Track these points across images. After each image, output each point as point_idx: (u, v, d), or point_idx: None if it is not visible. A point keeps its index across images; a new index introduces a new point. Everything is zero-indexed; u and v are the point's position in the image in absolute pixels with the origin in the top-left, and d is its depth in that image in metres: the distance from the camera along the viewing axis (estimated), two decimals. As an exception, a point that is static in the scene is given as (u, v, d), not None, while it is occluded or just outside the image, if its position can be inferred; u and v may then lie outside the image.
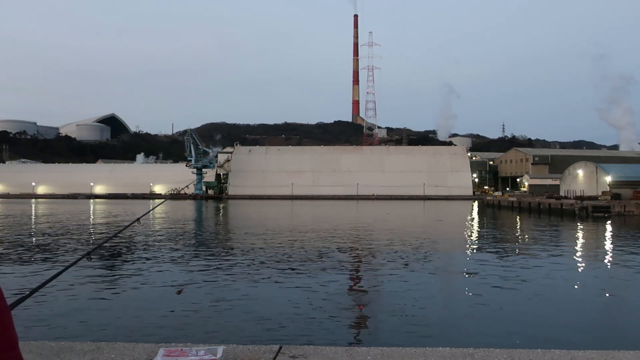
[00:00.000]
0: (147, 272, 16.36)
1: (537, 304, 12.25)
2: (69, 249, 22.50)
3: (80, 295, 12.31)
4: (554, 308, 11.74)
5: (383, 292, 13.60)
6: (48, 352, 4.02)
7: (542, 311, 11.41)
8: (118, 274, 16.09)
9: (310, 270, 16.85)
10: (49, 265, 17.57)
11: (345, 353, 4.03)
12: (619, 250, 23.82)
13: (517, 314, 11.24)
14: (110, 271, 16.70)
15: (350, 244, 25.06)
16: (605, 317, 11.38)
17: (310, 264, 18.13)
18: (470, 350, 4.07)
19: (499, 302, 12.59)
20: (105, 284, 14.07)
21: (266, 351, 4.06)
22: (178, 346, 4.22)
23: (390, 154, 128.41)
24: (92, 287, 13.34)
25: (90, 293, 12.72)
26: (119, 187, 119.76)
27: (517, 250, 23.81)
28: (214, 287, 13.89)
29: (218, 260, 19.12)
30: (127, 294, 13.09)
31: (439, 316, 11.00)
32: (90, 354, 4.04)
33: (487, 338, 9.10)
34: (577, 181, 78.38)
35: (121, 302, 12.16)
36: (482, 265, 18.57)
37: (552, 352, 4.02)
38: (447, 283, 15.50)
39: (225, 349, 4.06)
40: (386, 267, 17.72)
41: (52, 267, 16.99)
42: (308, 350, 4.06)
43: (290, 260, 19.08)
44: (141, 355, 3.99)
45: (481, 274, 16.56)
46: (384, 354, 3.99)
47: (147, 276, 15.69)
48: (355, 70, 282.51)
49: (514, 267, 17.97)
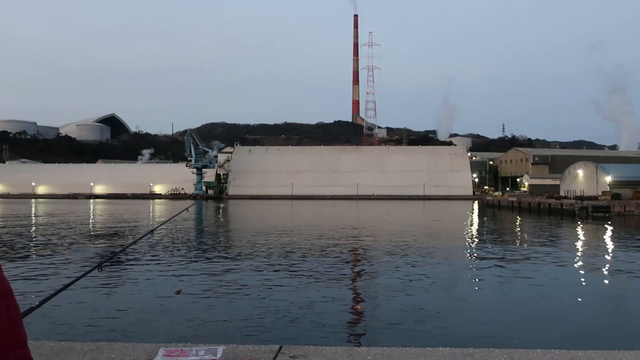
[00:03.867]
0: (146, 272, 16.35)
1: (537, 304, 12.24)
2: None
3: (80, 295, 12.30)
4: (554, 308, 11.74)
5: (383, 292, 13.59)
6: (48, 352, 4.02)
7: (542, 311, 11.40)
8: (117, 274, 16.06)
9: (310, 270, 16.84)
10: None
11: (345, 353, 4.03)
12: (619, 250, 23.82)
13: (517, 314, 11.23)
14: (109, 271, 16.68)
15: (349, 244, 25.06)
16: (605, 317, 11.37)
17: (310, 264, 18.13)
18: (470, 350, 4.07)
19: (499, 302, 12.60)
20: (104, 284, 14.05)
21: (266, 351, 4.05)
22: (178, 346, 4.21)
23: (390, 154, 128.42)
24: (91, 287, 13.32)
25: (89, 293, 12.71)
26: (119, 187, 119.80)
27: (517, 250, 23.80)
28: (213, 287, 13.88)
29: (217, 260, 19.12)
30: (126, 294, 13.09)
31: (438, 316, 11.00)
32: (90, 354, 4.04)
33: (487, 338, 9.10)
34: (577, 181, 78.39)
35: (121, 302, 12.15)
36: (482, 265, 18.58)
37: (552, 352, 4.02)
38: (447, 283, 15.49)
39: (225, 349, 4.06)
40: (385, 267, 17.72)
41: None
42: (308, 350, 4.06)
43: (290, 260, 19.07)
44: (141, 355, 3.99)
45: (481, 273, 16.56)
46: (384, 354, 3.99)
47: (146, 276, 15.68)
48: (355, 70, 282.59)
49: (514, 267, 17.97)
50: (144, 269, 17.04)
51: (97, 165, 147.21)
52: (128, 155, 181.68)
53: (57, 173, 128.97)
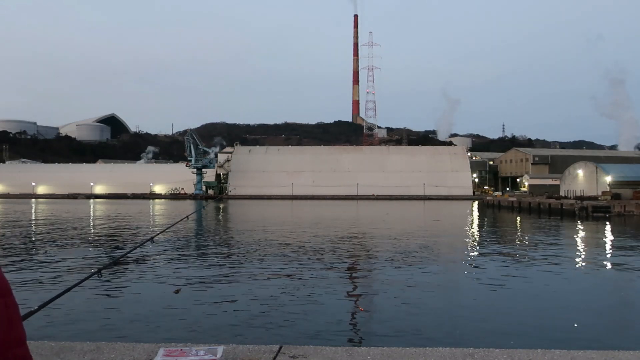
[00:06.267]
0: (146, 272, 16.35)
1: (537, 304, 12.24)
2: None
3: (79, 295, 12.29)
4: (554, 308, 11.73)
5: (383, 292, 13.59)
6: (48, 352, 4.02)
7: (542, 311, 11.40)
8: (117, 274, 16.06)
9: (310, 270, 16.84)
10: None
11: (345, 353, 4.03)
12: (619, 250, 23.81)
13: (517, 314, 11.23)
14: (108, 270, 16.67)
15: (349, 244, 25.06)
16: (605, 317, 11.37)
17: (309, 264, 18.12)
18: (470, 350, 4.07)
19: (499, 302, 12.60)
20: (104, 284, 14.05)
21: (266, 351, 4.05)
22: (178, 346, 4.21)
23: (390, 154, 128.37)
24: (91, 287, 13.32)
25: (89, 293, 12.70)
26: (119, 187, 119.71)
27: (517, 250, 23.80)
28: (213, 286, 13.88)
29: (217, 260, 19.12)
30: (126, 294, 13.09)
31: (439, 316, 11.00)
32: (90, 354, 4.04)
33: (487, 338, 9.10)
34: (577, 181, 78.38)
35: (120, 302, 12.15)
36: (482, 265, 18.58)
37: (552, 352, 4.02)
38: (447, 283, 15.49)
39: (225, 349, 4.06)
40: (385, 267, 17.72)
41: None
42: (308, 350, 4.06)
43: (290, 260, 19.07)
44: (141, 355, 3.98)
45: (481, 274, 16.56)
46: (384, 354, 3.99)
47: (146, 276, 15.69)
48: (355, 70, 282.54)
49: (514, 267, 17.97)
50: (144, 269, 17.04)
51: (97, 165, 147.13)
52: (128, 155, 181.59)
53: (57, 173, 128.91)
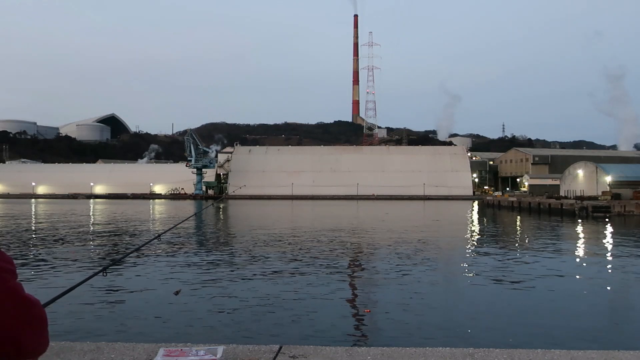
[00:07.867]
0: (146, 272, 16.35)
1: (537, 303, 12.23)
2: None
3: (80, 295, 12.29)
4: (554, 308, 11.73)
5: (382, 292, 13.59)
6: (48, 352, 4.01)
7: (542, 311, 11.40)
8: (117, 274, 16.05)
9: (310, 270, 16.84)
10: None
11: (345, 353, 4.03)
12: (619, 250, 23.80)
13: (517, 314, 11.23)
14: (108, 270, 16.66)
15: (349, 244, 25.05)
16: (605, 317, 11.37)
17: (309, 264, 18.12)
18: (470, 350, 4.07)
19: (499, 302, 12.59)
20: (104, 284, 14.04)
21: (266, 351, 4.05)
22: (178, 346, 4.21)
23: (390, 154, 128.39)
24: (91, 288, 13.31)
25: (90, 293, 12.70)
26: (119, 187, 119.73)
27: (517, 250, 23.80)
28: (213, 287, 13.88)
29: (217, 260, 19.12)
30: (126, 294, 13.09)
31: (438, 316, 11.00)
32: (90, 354, 4.04)
33: (487, 338, 9.10)
34: (577, 181, 78.36)
35: (121, 302, 12.15)
36: (482, 265, 18.57)
37: (552, 352, 4.02)
38: (447, 283, 15.49)
39: (225, 349, 4.06)
40: (385, 267, 17.71)
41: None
42: (308, 350, 4.06)
43: (289, 260, 19.07)
44: (141, 355, 3.99)
45: (481, 274, 16.55)
46: (384, 354, 3.99)
47: (146, 276, 15.68)
48: (355, 70, 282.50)
49: (514, 267, 17.97)
50: (143, 269, 17.03)
51: (97, 165, 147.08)
52: (128, 155, 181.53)
53: (57, 173, 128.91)
